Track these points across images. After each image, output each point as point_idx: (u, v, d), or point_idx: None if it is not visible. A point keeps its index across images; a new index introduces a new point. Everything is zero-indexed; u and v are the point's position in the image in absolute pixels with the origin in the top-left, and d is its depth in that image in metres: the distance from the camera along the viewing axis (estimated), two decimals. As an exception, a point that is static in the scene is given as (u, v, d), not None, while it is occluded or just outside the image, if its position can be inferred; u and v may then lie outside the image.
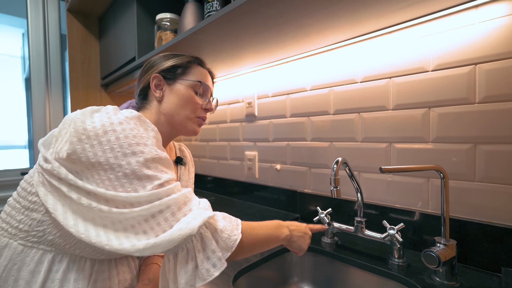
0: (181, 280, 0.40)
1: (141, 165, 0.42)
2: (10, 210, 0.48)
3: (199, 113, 0.62)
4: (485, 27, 0.63)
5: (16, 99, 2.33)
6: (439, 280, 0.59)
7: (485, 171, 0.64)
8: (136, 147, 0.42)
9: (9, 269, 0.44)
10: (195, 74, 0.62)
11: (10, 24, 2.38)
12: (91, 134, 0.41)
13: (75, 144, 0.41)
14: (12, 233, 0.46)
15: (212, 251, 0.42)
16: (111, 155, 0.41)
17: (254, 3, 0.62)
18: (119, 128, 0.42)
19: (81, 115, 0.43)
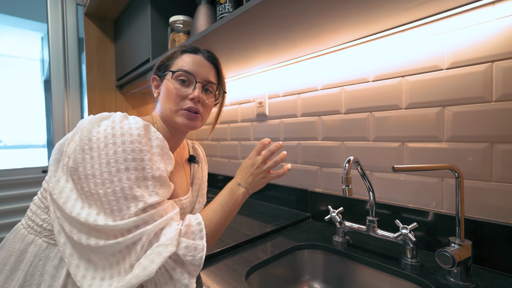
0: None
1: (131, 183, 0.43)
2: (36, 208, 0.50)
3: (182, 104, 0.56)
4: (502, 24, 0.62)
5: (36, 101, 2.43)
6: (454, 280, 0.58)
7: (502, 171, 0.63)
8: (131, 163, 0.43)
9: (35, 265, 0.47)
10: (180, 62, 0.58)
11: (30, 28, 2.49)
12: (94, 146, 0.43)
13: (77, 153, 0.43)
14: (38, 230, 0.49)
15: (180, 275, 0.43)
16: (105, 169, 0.42)
17: (266, 5, 0.63)
18: (119, 141, 0.44)
19: (88, 124, 0.45)
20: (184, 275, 0.44)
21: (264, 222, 0.96)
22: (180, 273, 0.43)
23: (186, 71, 0.57)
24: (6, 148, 3.07)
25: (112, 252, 0.41)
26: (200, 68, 0.59)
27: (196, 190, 0.72)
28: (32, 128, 3.08)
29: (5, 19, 2.31)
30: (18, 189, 1.48)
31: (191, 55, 0.60)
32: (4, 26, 2.48)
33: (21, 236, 0.50)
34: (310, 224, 0.97)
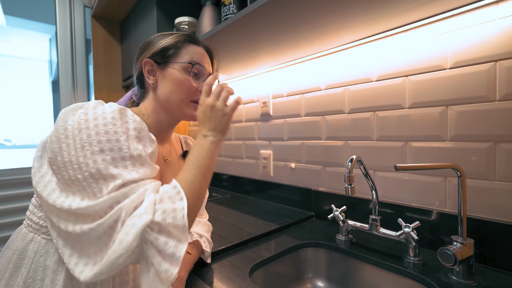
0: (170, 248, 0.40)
1: (107, 164, 0.42)
2: (33, 207, 0.51)
3: (194, 97, 0.58)
4: (506, 23, 0.62)
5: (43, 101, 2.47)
6: (456, 279, 0.58)
7: (505, 170, 0.63)
8: (106, 144, 0.42)
9: (37, 261, 0.48)
10: (188, 54, 0.57)
11: (38, 30, 2.53)
12: (69, 133, 0.43)
13: (54, 143, 0.43)
14: (36, 228, 0.50)
15: (163, 250, 0.40)
16: (81, 154, 0.42)
17: (269, 6, 0.64)
18: (92, 125, 0.43)
19: (63, 114, 0.45)
20: (170, 242, 0.40)
21: (268, 220, 0.97)
22: (164, 242, 0.40)
23: (201, 65, 0.58)
24: (15, 147, 3.13)
25: (98, 236, 0.40)
26: (206, 61, 0.60)
27: None
28: (40, 128, 3.14)
29: (14, 21, 2.37)
30: (27, 188, 1.52)
31: (197, 47, 0.60)
32: (13, 28, 2.54)
33: (23, 234, 0.51)
34: (314, 223, 0.98)
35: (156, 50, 0.57)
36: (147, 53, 0.58)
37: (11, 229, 1.45)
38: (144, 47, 0.60)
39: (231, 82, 1.46)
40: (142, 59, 0.59)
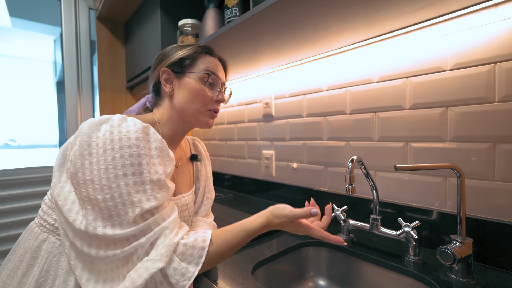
0: None
1: (129, 189, 0.44)
2: (47, 208, 0.52)
3: (210, 106, 0.61)
4: (505, 25, 0.63)
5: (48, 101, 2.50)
6: (455, 277, 0.59)
7: (504, 171, 0.64)
8: (129, 168, 0.44)
9: (50, 261, 0.50)
10: (204, 64, 0.60)
11: (43, 31, 2.57)
12: (93, 151, 0.44)
13: (76, 158, 0.44)
14: (50, 229, 0.51)
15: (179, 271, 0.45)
16: (104, 175, 0.43)
17: (272, 10, 0.65)
18: (117, 146, 0.44)
19: (88, 129, 0.46)
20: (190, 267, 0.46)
21: (270, 220, 0.98)
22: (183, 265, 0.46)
23: (216, 75, 0.61)
24: (20, 147, 3.17)
25: (112, 260, 0.44)
26: (220, 71, 0.63)
27: (203, 187, 0.75)
28: (45, 128, 3.17)
29: (19, 22, 2.40)
30: (33, 187, 1.54)
31: (212, 58, 0.62)
32: (18, 29, 2.57)
33: (35, 234, 0.52)
34: (315, 222, 0.99)
35: (173, 60, 0.60)
36: (165, 63, 0.61)
37: (16, 228, 1.47)
38: (162, 57, 0.62)
39: (234, 83, 1.48)
40: (159, 68, 0.61)
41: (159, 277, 0.45)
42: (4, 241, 1.44)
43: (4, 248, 1.43)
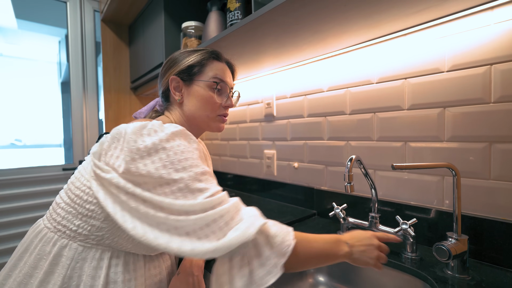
0: (237, 284, 0.42)
1: (192, 179, 0.44)
2: (65, 214, 0.50)
3: (219, 112, 0.63)
4: (501, 28, 0.65)
5: (53, 102, 2.54)
6: (451, 273, 0.61)
7: (500, 170, 0.65)
8: (185, 162, 0.45)
9: (73, 267, 0.48)
10: (212, 71, 0.61)
11: (48, 33, 2.61)
12: (144, 154, 0.44)
13: (129, 163, 0.44)
14: (71, 235, 0.49)
15: (267, 258, 0.43)
16: (164, 171, 0.43)
17: (273, 13, 0.67)
18: (168, 146, 0.45)
19: (132, 134, 0.46)
20: (272, 257, 0.43)
21: (271, 218, 1.00)
22: (269, 252, 0.43)
23: (225, 82, 0.62)
24: (25, 147, 3.22)
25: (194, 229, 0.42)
26: (228, 76, 0.65)
27: None
28: (50, 128, 3.21)
29: (25, 24, 2.44)
30: (40, 186, 1.57)
31: (219, 63, 0.64)
32: (24, 31, 2.61)
33: (51, 239, 0.50)
34: (316, 220, 1.01)
35: (182, 68, 0.61)
36: (173, 70, 0.62)
37: (20, 226, 1.50)
38: (170, 64, 0.63)
39: (236, 83, 1.50)
40: (168, 76, 0.62)
41: (260, 241, 0.43)
42: (10, 238, 1.47)
43: (9, 246, 1.46)
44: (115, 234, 0.49)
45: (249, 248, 0.43)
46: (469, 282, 0.58)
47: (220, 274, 0.44)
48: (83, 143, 1.69)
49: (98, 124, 1.74)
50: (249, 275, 0.42)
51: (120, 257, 0.51)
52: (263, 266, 0.42)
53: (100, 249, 0.50)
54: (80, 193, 0.49)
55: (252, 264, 0.42)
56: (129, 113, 1.63)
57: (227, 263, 0.43)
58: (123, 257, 0.51)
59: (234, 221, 0.44)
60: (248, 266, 0.42)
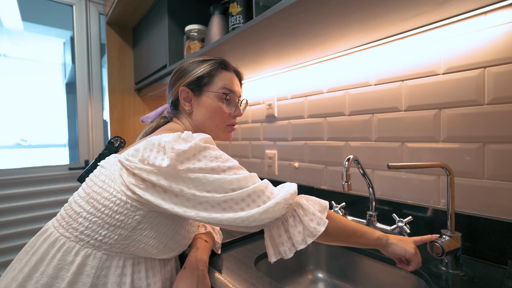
0: (297, 238, 0.50)
1: (237, 167, 0.51)
2: (89, 224, 0.50)
3: (228, 121, 0.66)
4: (493, 32, 0.67)
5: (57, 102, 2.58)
6: (445, 269, 0.63)
7: (493, 169, 0.67)
8: (224, 156, 0.51)
9: (98, 276, 0.49)
10: (221, 81, 0.64)
11: (53, 34, 2.65)
12: (190, 155, 0.48)
13: (178, 165, 0.47)
14: (95, 245, 0.50)
15: (313, 213, 0.51)
16: (213, 164, 0.49)
17: (274, 18, 0.70)
18: (207, 145, 0.51)
19: (173, 141, 0.49)
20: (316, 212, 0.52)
21: (272, 216, 1.03)
22: (313, 209, 0.52)
23: (234, 92, 0.65)
24: (30, 147, 3.26)
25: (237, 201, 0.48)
26: (236, 85, 0.68)
27: None
28: (54, 129, 3.26)
29: (31, 26, 2.48)
30: (47, 185, 1.61)
31: (228, 73, 0.66)
32: (29, 33, 2.66)
33: (72, 249, 0.50)
34: (316, 219, 1.03)
35: (191, 79, 0.63)
36: (183, 81, 0.64)
37: (29, 224, 1.54)
38: (179, 75, 0.65)
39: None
40: (178, 86, 0.64)
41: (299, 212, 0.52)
42: (19, 236, 1.51)
43: (14, 244, 1.50)
44: (141, 242, 0.51)
45: (297, 210, 0.51)
46: (462, 278, 0.60)
47: (276, 236, 0.51)
48: (89, 143, 1.73)
49: (103, 124, 1.77)
50: (303, 229, 0.50)
51: (141, 263, 0.54)
52: (312, 220, 0.51)
53: (123, 256, 0.52)
54: (109, 203, 0.50)
55: (303, 221, 0.50)
56: (133, 114, 1.66)
57: (282, 226, 0.51)
58: (143, 263, 0.54)
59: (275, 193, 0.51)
60: (301, 223, 0.51)
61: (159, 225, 0.53)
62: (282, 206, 0.48)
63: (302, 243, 0.50)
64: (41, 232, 0.55)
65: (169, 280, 0.60)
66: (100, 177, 0.54)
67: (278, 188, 0.53)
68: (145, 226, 0.51)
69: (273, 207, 0.47)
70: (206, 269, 0.61)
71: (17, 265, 0.52)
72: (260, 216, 0.47)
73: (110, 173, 0.53)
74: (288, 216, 0.51)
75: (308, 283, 0.84)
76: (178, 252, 0.61)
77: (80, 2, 1.67)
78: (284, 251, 0.51)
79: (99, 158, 0.64)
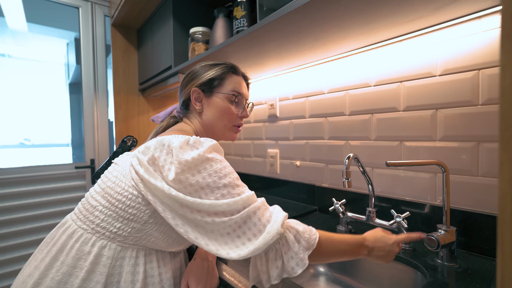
0: (273, 273, 0.49)
1: (233, 185, 0.51)
2: (104, 217, 0.54)
3: (235, 122, 0.69)
4: (487, 36, 0.70)
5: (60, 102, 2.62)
6: (440, 262, 0.66)
7: (487, 167, 0.71)
8: (225, 169, 0.52)
9: (113, 266, 0.53)
10: (230, 84, 0.68)
11: (57, 35, 2.69)
12: (192, 165, 0.50)
13: (179, 175, 0.49)
14: (110, 237, 0.53)
15: (295, 253, 0.49)
16: (210, 180, 0.50)
17: (277, 23, 0.73)
18: (210, 156, 0.52)
19: (180, 148, 0.51)
20: (300, 252, 0.50)
21: (275, 213, 1.06)
22: (297, 247, 0.50)
23: (242, 94, 0.69)
24: (34, 146, 3.30)
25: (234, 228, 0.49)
26: (244, 88, 0.71)
27: None
28: (58, 128, 3.29)
29: (35, 27, 2.52)
30: (55, 183, 1.65)
31: (237, 77, 0.70)
32: (33, 33, 2.69)
33: (89, 240, 0.53)
34: (317, 216, 1.06)
35: (203, 80, 0.67)
36: (195, 83, 0.68)
37: (37, 221, 1.57)
38: (192, 76, 0.69)
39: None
40: (190, 87, 0.68)
41: (290, 237, 0.50)
42: (29, 232, 1.55)
43: (15, 242, 1.53)
44: (152, 235, 0.54)
45: (281, 244, 0.50)
46: (456, 270, 0.63)
47: (258, 264, 0.51)
48: (94, 142, 1.76)
49: (108, 124, 1.81)
50: (282, 266, 0.49)
51: (152, 254, 0.57)
52: (293, 259, 0.49)
53: (136, 248, 0.55)
54: (122, 198, 0.53)
55: (284, 258, 0.49)
56: (137, 114, 1.70)
57: (264, 257, 0.50)
58: (155, 254, 0.58)
59: (265, 217, 0.50)
60: (281, 259, 0.49)
61: None
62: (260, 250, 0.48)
63: (277, 279, 0.50)
64: (60, 225, 0.59)
65: (178, 270, 0.63)
66: (114, 173, 0.58)
67: (267, 214, 0.51)
68: (155, 220, 0.54)
69: (252, 251, 0.47)
70: (215, 260, 0.65)
71: (39, 255, 0.56)
72: (239, 258, 0.48)
73: (122, 169, 0.57)
74: (270, 250, 0.50)
75: (310, 277, 0.88)
76: (186, 246, 0.64)
77: (86, 4, 1.70)
78: (262, 280, 0.51)
79: (113, 156, 0.68)
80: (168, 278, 0.59)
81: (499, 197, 0.20)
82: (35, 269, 0.53)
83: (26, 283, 0.52)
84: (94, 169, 1.75)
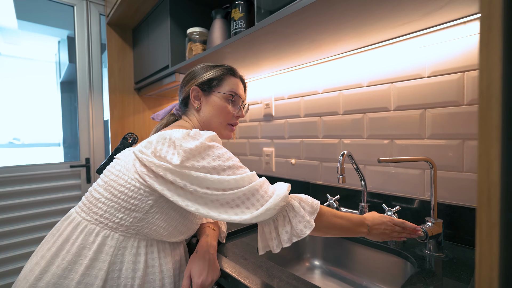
0: (284, 237, 0.54)
1: (236, 166, 0.55)
2: (107, 208, 0.57)
3: (231, 121, 0.73)
4: (472, 40, 0.74)
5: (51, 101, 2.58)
6: (428, 252, 0.71)
7: (471, 163, 0.75)
8: (227, 154, 0.56)
9: (115, 254, 0.56)
10: (228, 85, 0.72)
11: (48, 33, 2.64)
12: (196, 152, 0.54)
13: (185, 162, 0.53)
14: (113, 227, 0.56)
15: (302, 216, 0.54)
16: (215, 163, 0.54)
17: (275, 25, 0.76)
18: (212, 144, 0.56)
19: (182, 139, 0.55)
20: (306, 215, 0.55)
21: (271, 210, 1.09)
22: (303, 211, 0.55)
23: (239, 95, 0.72)
24: (23, 146, 3.23)
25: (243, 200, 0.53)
26: (241, 90, 0.75)
27: None
28: (48, 128, 3.24)
29: (25, 24, 2.47)
30: (49, 182, 1.63)
31: (235, 78, 0.74)
32: (24, 31, 2.64)
33: (93, 231, 0.56)
34: (312, 212, 1.10)
35: (203, 80, 0.71)
36: (195, 82, 0.71)
37: (35, 220, 1.56)
38: (192, 76, 0.73)
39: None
40: (190, 86, 0.72)
41: (290, 211, 0.55)
42: (27, 231, 1.53)
43: (16, 241, 1.52)
44: (153, 224, 0.57)
45: (289, 209, 0.55)
46: (443, 259, 0.68)
47: (267, 232, 0.56)
48: (89, 141, 1.75)
49: (103, 123, 1.80)
50: (291, 229, 0.54)
51: (153, 245, 0.60)
52: (300, 222, 0.54)
53: (137, 238, 0.58)
54: (124, 190, 0.56)
55: (292, 222, 0.54)
56: (133, 113, 1.70)
57: (272, 224, 0.55)
58: (155, 245, 0.61)
59: (268, 194, 0.54)
60: (289, 224, 0.54)
61: (170, 209, 0.59)
62: (271, 211, 0.52)
63: (288, 242, 0.54)
64: (65, 218, 0.61)
65: (178, 262, 0.65)
66: (116, 167, 0.61)
67: (271, 188, 0.56)
68: (157, 210, 0.57)
69: (263, 213, 0.51)
70: (216, 253, 0.67)
71: (45, 245, 0.58)
72: (251, 220, 0.52)
73: (125, 163, 0.60)
74: (278, 216, 0.55)
75: (305, 270, 0.91)
76: (186, 236, 0.66)
77: (81, 3, 1.69)
78: (272, 246, 0.56)
79: (115, 152, 0.70)
80: (168, 269, 0.61)
81: (477, 185, 0.23)
82: (42, 258, 0.56)
83: (33, 271, 0.54)
84: (90, 168, 1.74)
